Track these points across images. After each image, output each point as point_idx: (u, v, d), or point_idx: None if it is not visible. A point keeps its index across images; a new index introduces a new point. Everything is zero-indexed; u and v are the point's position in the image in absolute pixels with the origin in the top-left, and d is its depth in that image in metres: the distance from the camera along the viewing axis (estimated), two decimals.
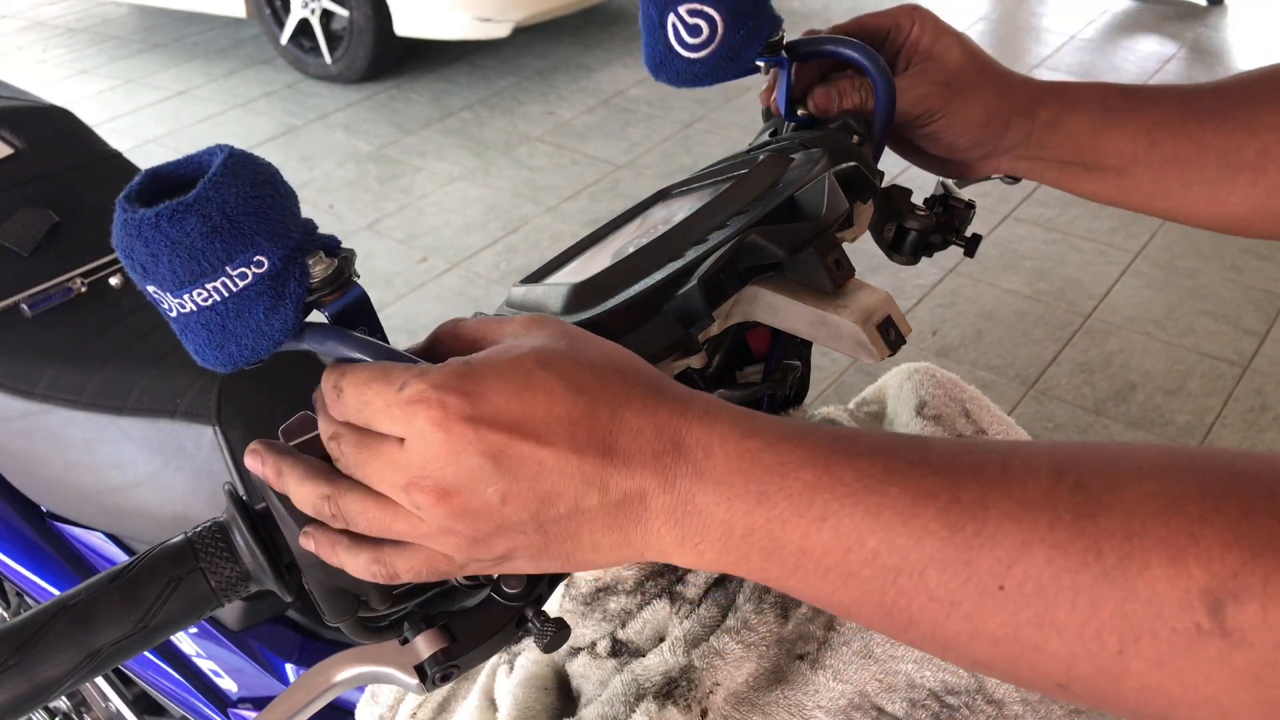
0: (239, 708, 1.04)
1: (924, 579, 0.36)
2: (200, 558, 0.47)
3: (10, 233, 1.11)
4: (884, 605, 0.37)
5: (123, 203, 0.40)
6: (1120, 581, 0.33)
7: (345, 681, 0.52)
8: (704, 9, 0.61)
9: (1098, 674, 0.34)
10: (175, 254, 0.39)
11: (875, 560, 0.37)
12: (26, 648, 0.44)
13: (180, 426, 0.92)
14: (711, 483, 0.39)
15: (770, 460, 0.39)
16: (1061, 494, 0.35)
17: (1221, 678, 0.32)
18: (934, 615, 0.36)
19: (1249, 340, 2.50)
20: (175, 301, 0.41)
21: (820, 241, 0.55)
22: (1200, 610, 0.31)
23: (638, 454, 0.40)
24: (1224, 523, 0.32)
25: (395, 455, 0.40)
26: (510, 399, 0.39)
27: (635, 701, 0.59)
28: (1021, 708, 0.57)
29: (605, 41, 4.46)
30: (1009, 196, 3.07)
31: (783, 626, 0.60)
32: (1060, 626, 0.34)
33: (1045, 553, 0.34)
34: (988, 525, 0.35)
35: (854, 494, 0.37)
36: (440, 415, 0.39)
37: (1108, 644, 0.33)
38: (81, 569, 1.10)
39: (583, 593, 0.64)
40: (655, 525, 0.40)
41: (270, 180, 0.41)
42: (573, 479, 0.39)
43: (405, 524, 0.41)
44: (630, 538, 0.41)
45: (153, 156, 3.58)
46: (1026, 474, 0.36)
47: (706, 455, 0.39)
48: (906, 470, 0.37)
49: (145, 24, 4.98)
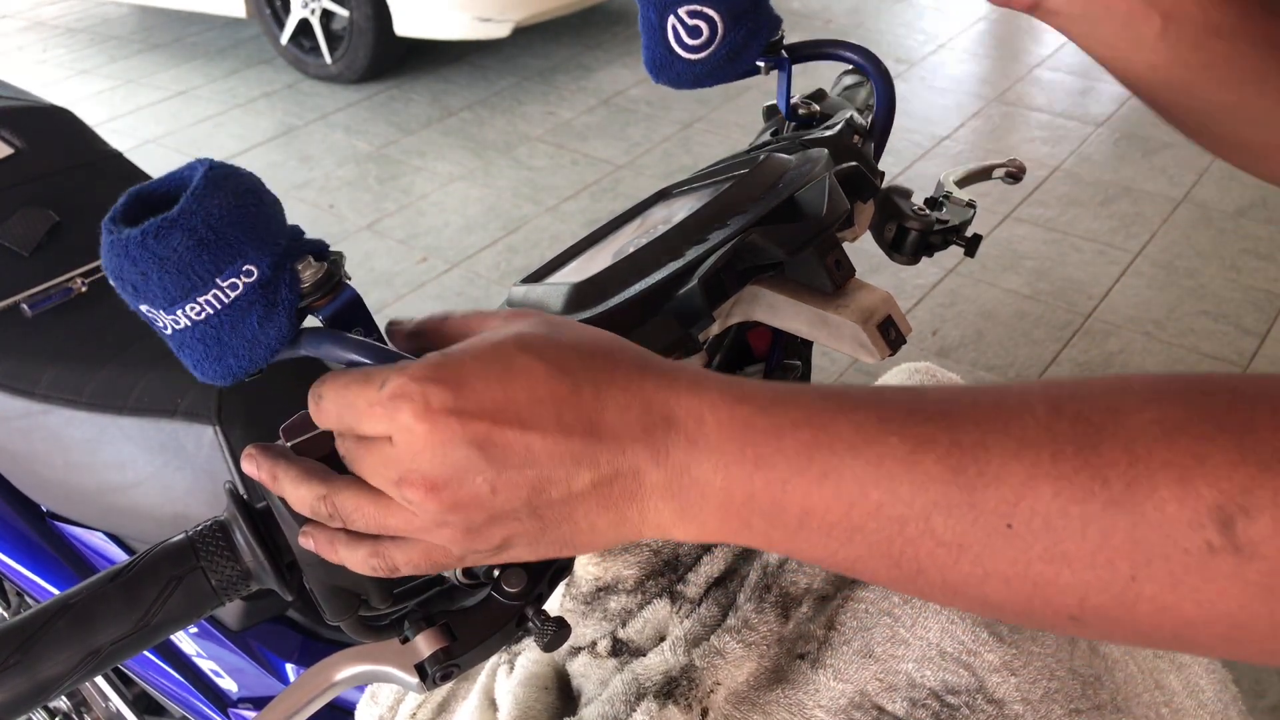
0: (239, 707, 1.04)
1: (930, 525, 0.36)
2: (201, 556, 0.47)
3: (10, 233, 1.11)
4: (891, 556, 0.37)
5: (108, 225, 0.41)
6: (1128, 507, 0.33)
7: (345, 681, 0.52)
8: (704, 10, 0.61)
9: (1111, 602, 0.34)
10: (164, 270, 0.39)
11: (880, 512, 0.37)
12: (27, 646, 0.44)
13: (180, 426, 0.92)
14: (706, 451, 0.39)
15: (764, 424, 0.38)
16: (1062, 427, 0.35)
17: (1235, 593, 0.32)
18: (942, 560, 0.36)
19: (1249, 340, 2.50)
20: (169, 319, 0.41)
21: (820, 242, 0.55)
22: (1211, 528, 0.31)
23: (626, 430, 0.39)
24: (1229, 441, 0.32)
25: (386, 452, 0.40)
26: (491, 385, 0.39)
27: (636, 701, 0.59)
28: (1022, 707, 0.57)
29: (605, 41, 4.46)
30: (1009, 196, 3.07)
31: (783, 626, 0.60)
32: (1071, 558, 0.34)
33: (1051, 486, 0.34)
34: (990, 465, 0.35)
35: (852, 448, 0.37)
36: (422, 408, 0.38)
37: (1120, 570, 0.33)
38: (82, 569, 1.10)
39: (583, 592, 0.64)
40: (652, 501, 0.40)
41: (252, 189, 0.41)
42: (562, 461, 0.39)
43: (400, 519, 0.41)
44: (627, 515, 0.40)
45: (153, 156, 3.58)
46: (1023, 410, 0.36)
47: (698, 425, 0.39)
48: (902, 419, 0.37)
49: (145, 24, 4.97)
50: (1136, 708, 0.61)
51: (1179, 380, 0.35)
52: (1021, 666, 0.58)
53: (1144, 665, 0.65)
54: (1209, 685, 0.70)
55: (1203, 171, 3.20)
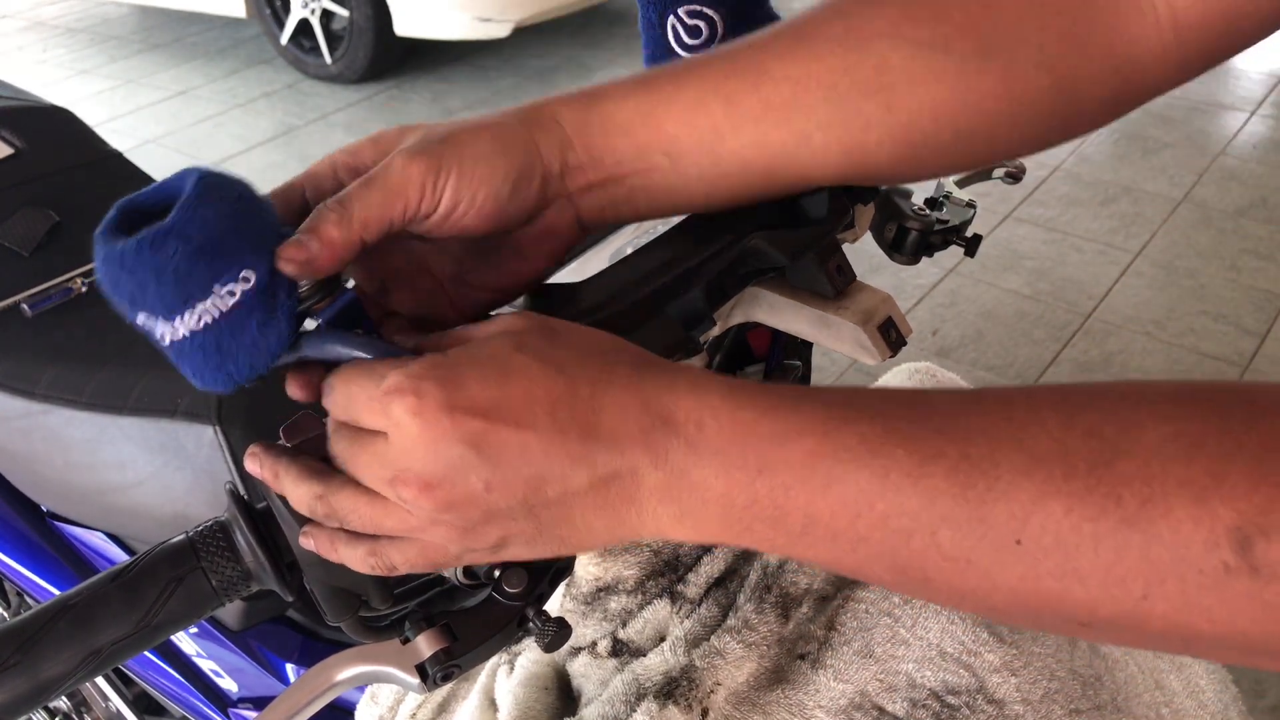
0: (239, 708, 1.03)
1: (937, 539, 0.35)
2: (201, 557, 0.47)
3: (10, 233, 1.11)
4: (897, 566, 0.37)
5: (101, 237, 0.40)
6: (1143, 526, 0.32)
7: (346, 681, 0.52)
8: (703, 10, 0.61)
9: (1122, 616, 0.34)
10: (161, 280, 0.39)
11: (885, 524, 0.36)
12: (28, 647, 0.44)
13: (180, 426, 0.91)
14: (706, 455, 0.38)
15: (767, 429, 0.38)
16: (1074, 443, 0.34)
17: (1251, 613, 0.31)
18: (949, 573, 0.36)
19: (1249, 340, 2.50)
20: (168, 328, 0.41)
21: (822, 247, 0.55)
22: (1227, 549, 0.31)
23: (624, 431, 0.39)
24: (1248, 460, 0.31)
25: (380, 449, 0.40)
26: (488, 384, 0.39)
27: (636, 701, 0.59)
28: (1022, 707, 0.57)
29: (605, 41, 4.46)
30: (1009, 196, 3.07)
31: (783, 626, 0.60)
32: (1083, 575, 0.33)
33: (1062, 503, 0.33)
34: (1000, 480, 0.34)
35: (858, 458, 0.36)
36: (416, 404, 0.38)
37: (1132, 589, 0.33)
38: (82, 569, 1.10)
39: (584, 592, 0.64)
40: (650, 503, 0.39)
41: (245, 195, 0.41)
42: (558, 461, 0.39)
43: (395, 519, 0.41)
44: (624, 517, 0.40)
45: (153, 156, 3.58)
46: (1034, 423, 0.35)
47: (699, 428, 0.38)
48: (909, 430, 0.36)
49: (145, 24, 4.97)
50: (1137, 708, 0.61)
51: (1194, 392, 0.34)
52: (1022, 667, 0.58)
53: (1144, 665, 0.65)
54: (1209, 685, 0.70)
55: (1203, 171, 3.21)
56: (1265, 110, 3.60)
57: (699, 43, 0.62)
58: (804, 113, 0.50)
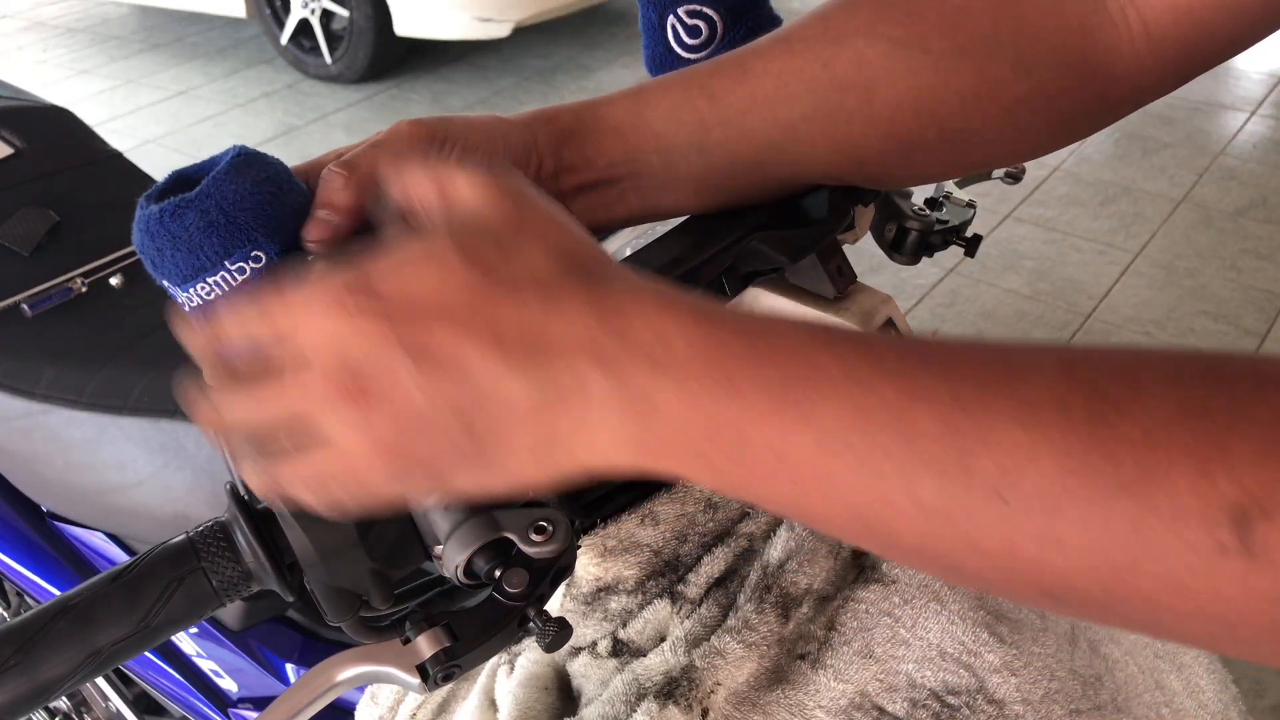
0: (239, 708, 1.04)
1: (914, 488, 0.32)
2: (202, 557, 0.47)
3: (10, 233, 1.11)
4: (865, 519, 0.34)
5: (142, 201, 0.42)
6: (1138, 493, 0.29)
7: (346, 681, 0.52)
8: (703, 10, 0.61)
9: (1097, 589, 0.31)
10: (176, 248, 0.41)
11: (861, 466, 0.33)
12: (28, 647, 0.44)
13: (180, 426, 0.92)
14: (666, 368, 0.34)
15: (740, 348, 0.34)
16: (1074, 397, 0.31)
17: (1236, 599, 0.29)
18: (921, 528, 0.33)
19: (1249, 340, 2.50)
20: (184, 296, 0.43)
21: (822, 248, 0.55)
22: (1225, 528, 0.28)
23: (574, 341, 0.35)
24: (1255, 432, 0.29)
25: (304, 362, 0.36)
26: (423, 284, 0.35)
27: (636, 701, 0.59)
28: (1022, 708, 0.57)
29: (605, 41, 4.46)
30: (1009, 196, 3.07)
31: (783, 626, 0.60)
32: (1064, 542, 0.31)
33: (1055, 460, 0.30)
34: (992, 429, 0.31)
35: (839, 390, 0.33)
36: (338, 303, 0.35)
37: (1116, 561, 0.30)
38: (82, 569, 1.10)
39: (584, 592, 0.64)
40: (593, 417, 0.35)
41: (274, 178, 0.42)
42: (495, 370, 0.35)
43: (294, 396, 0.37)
44: (568, 441, 0.36)
45: (153, 156, 3.58)
46: (1033, 372, 0.32)
47: (666, 347, 0.35)
48: (898, 365, 0.33)
49: (145, 24, 4.98)
50: (1137, 708, 0.61)
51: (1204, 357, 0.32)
52: (1022, 667, 0.58)
53: (1145, 665, 0.65)
54: (1209, 685, 0.70)
55: (1203, 171, 3.21)
56: (1265, 110, 3.60)
57: (699, 43, 0.62)
58: (787, 104, 0.51)
